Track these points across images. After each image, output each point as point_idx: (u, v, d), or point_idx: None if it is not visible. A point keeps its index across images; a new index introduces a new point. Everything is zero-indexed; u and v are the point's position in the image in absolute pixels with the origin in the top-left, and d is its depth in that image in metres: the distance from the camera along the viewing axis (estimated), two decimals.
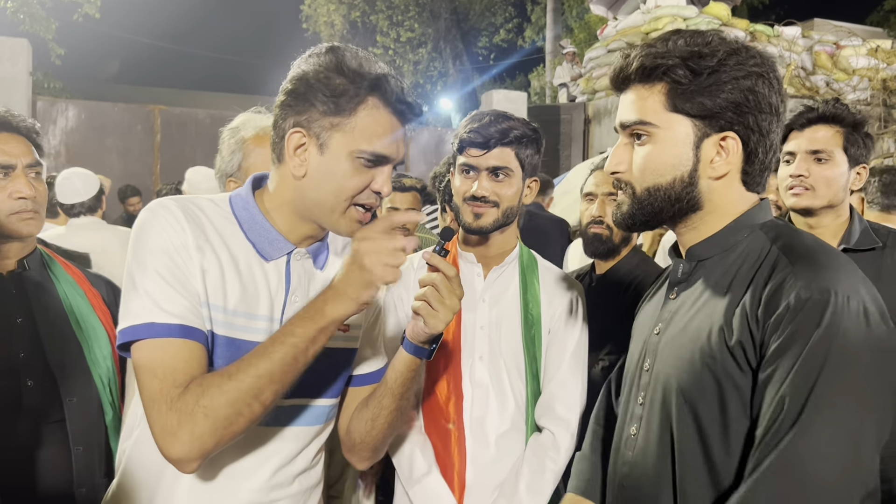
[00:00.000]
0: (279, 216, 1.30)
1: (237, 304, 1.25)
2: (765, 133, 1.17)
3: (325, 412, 1.40)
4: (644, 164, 1.21)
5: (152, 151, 8.61)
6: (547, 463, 1.65)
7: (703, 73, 1.14)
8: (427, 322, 1.30)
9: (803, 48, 9.70)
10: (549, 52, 16.32)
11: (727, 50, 1.15)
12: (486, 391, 1.69)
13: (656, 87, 1.18)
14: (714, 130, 1.17)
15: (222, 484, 1.27)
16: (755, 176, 1.20)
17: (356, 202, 1.26)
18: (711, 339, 1.13)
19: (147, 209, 1.24)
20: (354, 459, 1.50)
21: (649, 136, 1.20)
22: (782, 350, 1.04)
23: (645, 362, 1.29)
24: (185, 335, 1.16)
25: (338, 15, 19.20)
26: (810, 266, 1.08)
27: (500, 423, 1.69)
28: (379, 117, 1.24)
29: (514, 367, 1.70)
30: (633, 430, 1.29)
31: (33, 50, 7.66)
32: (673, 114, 1.17)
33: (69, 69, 14.73)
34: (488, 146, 1.66)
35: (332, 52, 1.24)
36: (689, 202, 1.21)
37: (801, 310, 1.03)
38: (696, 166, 1.18)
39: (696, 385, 1.14)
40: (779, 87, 1.18)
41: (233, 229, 1.29)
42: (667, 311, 1.29)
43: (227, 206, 1.32)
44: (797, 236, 1.18)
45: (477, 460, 1.67)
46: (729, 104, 1.14)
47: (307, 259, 1.34)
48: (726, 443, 1.12)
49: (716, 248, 1.22)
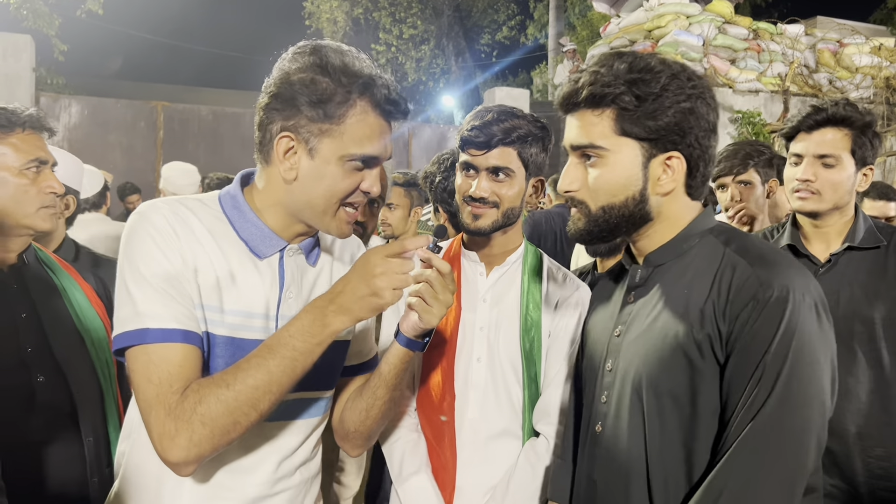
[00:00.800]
0: (270, 214, 1.31)
1: (233, 304, 1.25)
2: (704, 149, 1.28)
3: (324, 404, 1.42)
4: (597, 184, 1.29)
5: (155, 147, 8.63)
6: (539, 469, 1.61)
7: (647, 99, 1.23)
8: (421, 317, 1.32)
9: (806, 46, 9.69)
10: (551, 50, 16.31)
11: (669, 74, 1.24)
12: (483, 393, 1.65)
13: (605, 112, 1.26)
14: (660, 151, 1.26)
15: (228, 480, 1.28)
16: (697, 188, 1.31)
17: (345, 203, 1.27)
18: (679, 335, 1.23)
19: (137, 212, 1.24)
20: (347, 447, 1.53)
21: (600, 159, 1.28)
22: (750, 343, 1.16)
23: (607, 363, 1.37)
24: (179, 339, 1.17)
25: (340, 12, 19.19)
26: (768, 267, 1.20)
27: (495, 425, 1.65)
28: (368, 120, 1.24)
29: (512, 370, 1.66)
30: (598, 427, 1.37)
31: (36, 46, 7.67)
32: (621, 137, 1.26)
33: (72, 65, 14.75)
34: (489, 145, 1.61)
35: (316, 52, 1.23)
36: (641, 217, 1.30)
37: (766, 306, 1.16)
38: (645, 185, 1.28)
39: (667, 379, 1.24)
40: (714, 106, 1.28)
41: (224, 228, 1.29)
42: (626, 313, 1.37)
43: (216, 205, 1.32)
44: (746, 239, 1.30)
45: (469, 462, 1.64)
46: (672, 126, 1.23)
47: (299, 255, 1.35)
48: (696, 430, 1.22)
49: (670, 254, 1.32)
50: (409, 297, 1.34)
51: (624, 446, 1.30)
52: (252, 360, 1.17)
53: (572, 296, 1.71)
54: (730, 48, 9.10)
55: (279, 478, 1.33)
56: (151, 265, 1.19)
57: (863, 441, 1.87)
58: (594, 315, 1.51)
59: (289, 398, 1.31)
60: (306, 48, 1.25)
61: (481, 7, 20.54)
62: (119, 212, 6.44)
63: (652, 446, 1.26)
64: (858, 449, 1.87)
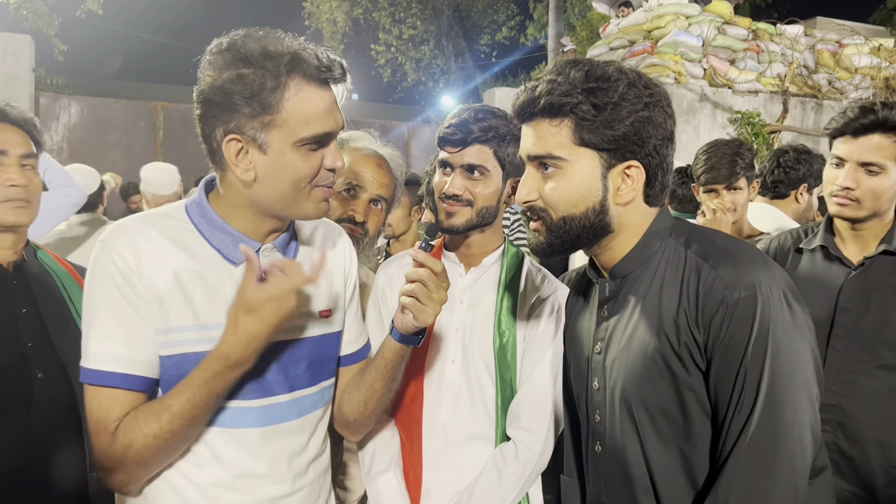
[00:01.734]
0: (239, 217, 1.29)
1: (208, 317, 1.24)
2: (663, 157, 1.26)
3: (324, 395, 1.42)
4: (557, 196, 1.27)
5: (155, 148, 8.62)
6: (505, 474, 1.57)
7: (606, 108, 1.21)
8: (416, 317, 1.32)
9: (806, 46, 9.68)
10: (551, 50, 16.29)
11: (626, 83, 1.22)
12: (456, 395, 1.62)
13: (563, 122, 1.24)
14: (619, 161, 1.24)
15: (242, 485, 1.28)
16: (656, 196, 1.30)
17: (315, 185, 1.26)
18: (659, 349, 1.23)
19: (101, 241, 1.24)
20: (347, 433, 1.55)
21: (558, 170, 1.26)
22: (727, 348, 1.17)
23: (593, 381, 1.36)
24: (115, 383, 1.19)
25: (340, 12, 19.19)
26: (731, 266, 1.19)
27: (468, 428, 1.62)
28: (306, 97, 1.20)
29: (487, 372, 1.62)
30: (597, 447, 1.36)
31: (36, 46, 7.66)
32: (580, 147, 1.24)
33: (72, 65, 14.75)
34: (464, 143, 1.59)
35: (231, 46, 1.19)
36: (601, 228, 1.28)
37: (735, 308, 1.15)
38: (605, 195, 1.26)
39: (654, 394, 1.24)
40: (671, 114, 1.27)
41: (194, 239, 1.28)
42: (603, 329, 1.36)
43: (184, 216, 1.30)
44: (705, 238, 1.29)
45: (438, 464, 1.61)
46: (631, 135, 1.22)
47: (276, 253, 1.33)
48: (692, 439, 1.23)
49: (635, 263, 1.31)
50: (403, 297, 1.34)
51: (626, 464, 1.30)
52: (172, 391, 1.19)
53: (549, 298, 1.67)
54: (729, 49, 9.09)
55: (293, 476, 1.34)
56: (107, 304, 1.20)
57: (884, 449, 1.82)
58: (571, 330, 1.50)
59: (286, 398, 1.32)
60: (220, 45, 1.21)
61: (481, 7, 20.55)
62: (121, 211, 6.44)
63: (653, 461, 1.26)
64: (878, 455, 1.82)
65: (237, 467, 1.27)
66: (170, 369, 1.23)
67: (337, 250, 1.48)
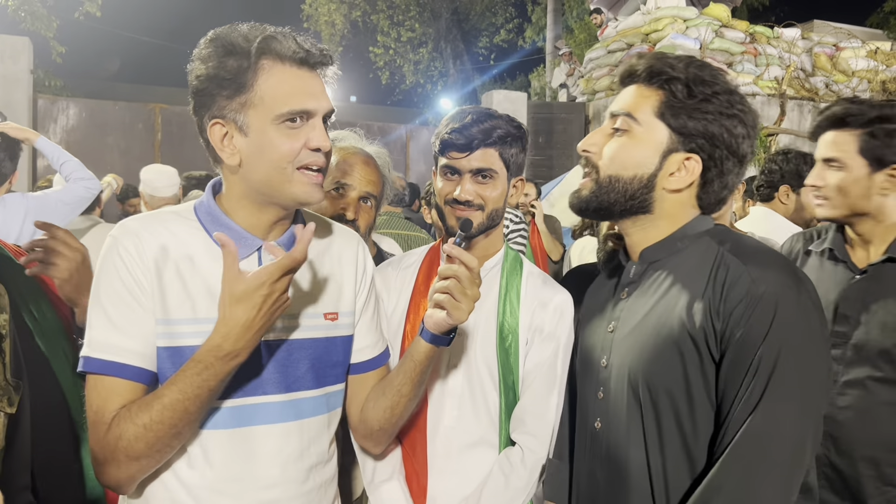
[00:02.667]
0: (240, 212, 1.31)
1: (207, 311, 1.25)
2: (724, 171, 1.29)
3: (328, 400, 1.40)
4: (614, 153, 1.31)
5: (153, 150, 8.61)
6: (512, 479, 1.55)
7: (696, 97, 1.25)
8: (451, 314, 1.32)
9: (803, 50, 9.71)
10: (549, 53, 16.31)
11: (725, 88, 1.26)
12: (459, 400, 1.61)
13: (655, 92, 1.29)
14: (684, 148, 1.27)
15: (231, 488, 1.27)
16: (708, 203, 1.34)
17: (300, 166, 1.25)
18: (674, 330, 1.24)
19: (111, 235, 1.27)
20: (370, 444, 1.53)
21: (628, 131, 1.30)
22: (743, 341, 1.17)
23: (602, 359, 1.38)
24: (115, 372, 1.20)
25: (339, 14, 19.20)
26: (761, 265, 1.21)
27: (471, 434, 1.60)
28: (281, 75, 1.22)
29: (489, 377, 1.60)
30: (596, 424, 1.37)
31: (34, 48, 7.66)
32: (657, 120, 1.28)
33: (70, 67, 14.74)
34: (471, 147, 1.57)
35: (215, 39, 1.24)
36: (641, 203, 1.32)
37: (758, 303, 1.17)
38: (656, 173, 1.29)
39: (662, 374, 1.25)
40: (753, 138, 1.29)
41: (201, 237, 1.30)
42: (619, 309, 1.38)
43: (192, 215, 1.33)
44: (740, 240, 1.30)
45: (443, 471, 1.60)
46: (706, 132, 1.25)
47: (279, 252, 1.32)
48: (693, 426, 1.23)
49: (665, 251, 1.33)
50: (437, 294, 1.34)
51: (623, 442, 1.30)
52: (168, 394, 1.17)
53: (551, 301, 1.64)
54: (727, 52, 9.11)
55: (287, 481, 1.31)
56: (111, 296, 1.23)
57: (877, 467, 1.75)
58: (587, 312, 1.51)
59: (281, 399, 1.31)
60: (206, 39, 1.25)
61: (479, 10, 20.58)
62: (116, 214, 6.43)
63: (651, 442, 1.27)
64: (871, 473, 1.75)
65: (225, 469, 1.26)
66: (166, 361, 1.24)
67: (349, 255, 1.47)
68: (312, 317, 1.37)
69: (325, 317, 1.39)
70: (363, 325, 1.48)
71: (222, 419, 1.26)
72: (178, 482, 1.25)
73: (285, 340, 1.32)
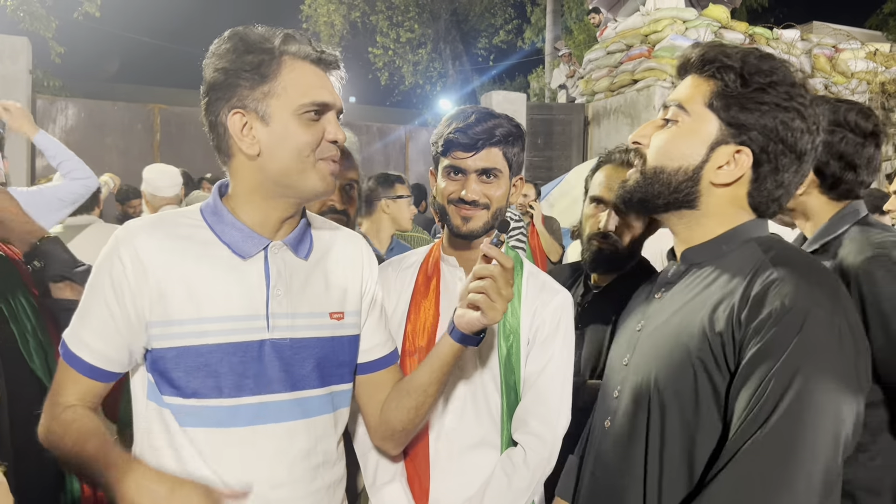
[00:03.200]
0: (248, 210, 1.33)
1: (211, 310, 1.27)
2: (779, 168, 1.20)
3: (333, 399, 1.40)
4: (661, 143, 1.26)
5: (152, 150, 8.60)
6: (514, 480, 1.55)
7: (750, 87, 1.18)
8: (486, 313, 1.32)
9: (802, 51, 9.72)
10: (548, 54, 16.32)
11: (784, 79, 1.19)
12: (461, 402, 1.61)
13: (707, 81, 1.23)
14: (734, 141, 1.20)
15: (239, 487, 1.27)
16: (761, 202, 1.23)
17: (319, 157, 1.29)
18: (692, 334, 1.17)
19: (115, 236, 1.30)
20: (390, 446, 1.53)
21: (678, 121, 1.25)
22: (760, 355, 1.07)
23: (625, 357, 1.33)
24: (84, 371, 1.29)
25: (338, 15, 19.20)
26: (798, 279, 1.10)
27: (473, 435, 1.60)
28: (301, 70, 1.28)
29: (491, 378, 1.61)
30: (606, 423, 1.33)
31: (33, 48, 7.66)
32: (707, 110, 1.22)
33: (69, 68, 14.73)
34: (476, 147, 1.57)
35: (234, 36, 1.28)
36: (686, 196, 1.25)
37: (782, 318, 1.06)
38: (702, 165, 1.23)
39: (672, 377, 1.19)
40: (816, 134, 1.20)
41: (206, 236, 1.32)
42: (650, 308, 1.33)
43: (198, 215, 1.35)
44: (789, 250, 1.21)
45: (444, 473, 1.59)
46: (759, 124, 1.18)
47: (286, 251, 1.36)
48: (698, 434, 1.16)
49: (708, 254, 1.26)
50: (472, 294, 1.34)
51: (625, 442, 1.26)
52: (91, 437, 1.24)
53: (552, 301, 1.65)
54: None
55: (294, 481, 1.32)
56: (97, 298, 1.28)
57: None
58: (627, 312, 1.48)
59: (286, 397, 1.31)
60: (224, 37, 1.29)
61: (478, 11, 20.58)
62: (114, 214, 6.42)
63: (651, 446, 1.22)
64: None
65: (233, 468, 1.27)
66: (169, 362, 1.25)
67: (354, 255, 1.48)
68: (318, 316, 1.38)
69: (331, 316, 1.39)
70: (370, 324, 1.49)
71: (229, 417, 1.27)
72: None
73: (291, 339, 1.33)
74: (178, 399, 1.25)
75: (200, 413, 1.25)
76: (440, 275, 1.69)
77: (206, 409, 1.25)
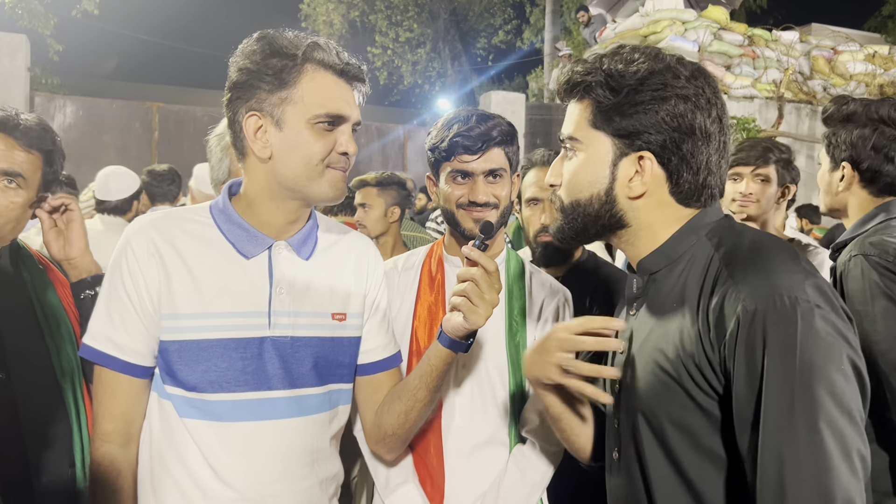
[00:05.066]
0: (256, 210, 1.35)
1: (214, 306, 1.29)
2: (687, 155, 1.13)
3: (331, 398, 1.41)
4: (568, 178, 1.22)
5: (150, 148, 8.60)
6: (528, 474, 1.58)
7: (621, 92, 1.13)
8: (467, 318, 1.31)
9: (801, 53, 9.73)
10: (547, 54, 16.33)
11: (651, 69, 1.13)
12: (469, 400, 1.62)
13: (584, 103, 1.19)
14: (632, 150, 1.15)
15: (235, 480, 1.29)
16: (688, 194, 1.17)
17: (328, 166, 1.30)
18: (669, 359, 1.09)
19: (125, 235, 1.33)
20: (383, 450, 1.53)
21: (575, 152, 1.20)
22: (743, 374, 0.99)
23: (616, 383, 1.26)
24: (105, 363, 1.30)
25: (337, 14, 19.19)
26: (751, 273, 1.02)
27: (482, 433, 1.62)
28: (322, 80, 1.29)
29: (498, 376, 1.63)
30: (614, 453, 1.26)
31: (31, 46, 7.65)
32: (595, 131, 1.17)
33: (67, 65, 14.69)
34: (483, 149, 1.59)
35: (262, 38, 1.30)
36: (610, 219, 1.19)
37: (750, 324, 0.98)
38: (612, 185, 1.17)
39: (658, 406, 1.11)
40: (708, 108, 1.14)
41: (214, 235, 1.35)
42: (629, 328, 1.25)
43: (207, 213, 1.38)
44: (738, 239, 1.13)
45: (457, 471, 1.60)
46: (645, 125, 1.13)
47: (289, 251, 1.38)
48: (701, 466, 1.07)
49: (662, 259, 1.19)
50: (454, 297, 1.33)
51: (631, 475, 1.19)
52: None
53: (555, 299, 1.70)
54: (725, 54, 9.13)
55: (289, 477, 1.33)
56: (117, 291, 1.30)
57: None
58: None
59: (285, 394, 1.33)
60: (253, 38, 1.32)
61: (477, 11, 20.58)
62: None
63: (653, 481, 1.13)
64: None
65: (231, 461, 1.29)
66: (172, 354, 1.29)
67: (359, 257, 1.49)
68: (320, 316, 1.39)
69: (332, 317, 1.41)
70: (373, 326, 1.49)
71: (228, 412, 1.29)
72: (186, 473, 1.29)
73: (292, 337, 1.35)
74: (180, 391, 1.29)
75: (200, 406, 1.28)
76: (444, 275, 1.70)
77: (206, 402, 1.28)
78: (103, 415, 1.31)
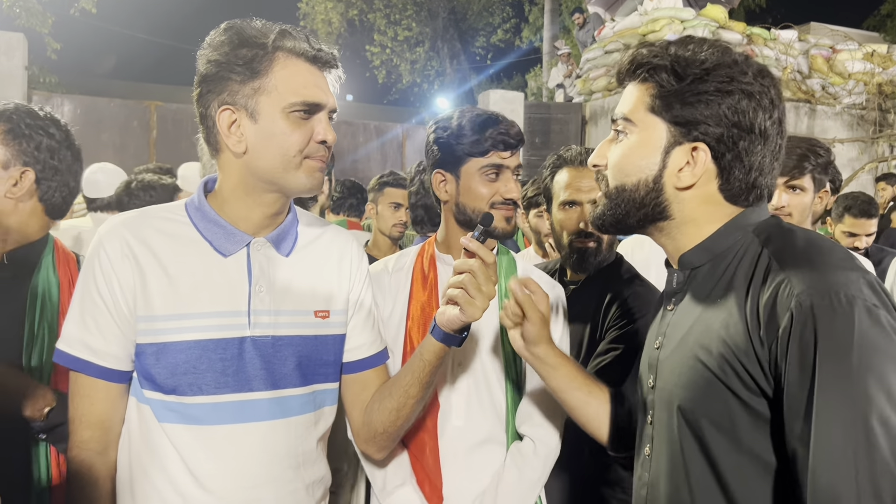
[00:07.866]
0: (232, 206, 1.32)
1: (192, 306, 1.26)
2: (742, 153, 1.11)
3: (315, 398, 1.38)
4: (616, 161, 1.19)
5: (148, 147, 8.59)
6: (526, 472, 1.57)
7: (685, 79, 1.11)
8: (464, 310, 1.29)
9: (800, 52, 9.73)
10: (546, 53, 16.33)
11: (718, 61, 1.11)
12: (465, 399, 1.61)
13: (645, 86, 1.16)
14: (686, 139, 1.13)
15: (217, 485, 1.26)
16: (737, 192, 1.14)
17: (306, 156, 1.27)
18: (713, 356, 1.06)
19: (97, 236, 1.29)
20: (373, 449, 1.50)
21: (627, 134, 1.18)
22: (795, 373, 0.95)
23: (650, 379, 1.24)
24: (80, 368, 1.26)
25: (335, 13, 19.18)
26: (806, 269, 0.99)
27: (479, 432, 1.60)
28: (294, 68, 1.25)
29: (494, 374, 1.62)
30: (646, 450, 1.23)
31: (29, 44, 7.63)
32: (651, 115, 1.15)
33: (65, 64, 14.69)
34: (516, 146, 1.60)
35: (230, 28, 1.26)
36: (654, 209, 1.17)
37: (804, 321, 0.94)
38: (661, 172, 1.15)
39: (698, 403, 1.08)
40: (771, 109, 1.12)
41: (190, 233, 1.31)
42: (665, 323, 1.23)
43: (182, 211, 1.34)
44: (789, 236, 1.10)
45: (454, 471, 1.59)
46: (705, 116, 1.11)
47: (268, 248, 1.34)
48: (740, 468, 1.04)
49: (706, 254, 1.17)
50: (450, 289, 1.31)
51: (664, 474, 1.15)
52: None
53: (549, 296, 1.65)
54: None
55: (271, 480, 1.30)
56: (91, 294, 1.26)
57: None
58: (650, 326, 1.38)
59: (266, 396, 1.30)
60: (220, 29, 1.28)
61: (476, 10, 20.58)
62: None
63: (693, 479, 1.09)
64: None
65: (211, 466, 1.26)
66: (149, 358, 1.25)
67: (342, 253, 1.46)
68: (302, 314, 1.36)
69: (315, 314, 1.38)
70: (357, 323, 1.46)
71: (208, 415, 1.26)
72: (166, 479, 1.25)
73: (273, 336, 1.31)
74: (158, 395, 1.25)
75: (180, 410, 1.25)
76: (437, 273, 1.69)
77: (185, 406, 1.24)
78: (80, 421, 1.27)
